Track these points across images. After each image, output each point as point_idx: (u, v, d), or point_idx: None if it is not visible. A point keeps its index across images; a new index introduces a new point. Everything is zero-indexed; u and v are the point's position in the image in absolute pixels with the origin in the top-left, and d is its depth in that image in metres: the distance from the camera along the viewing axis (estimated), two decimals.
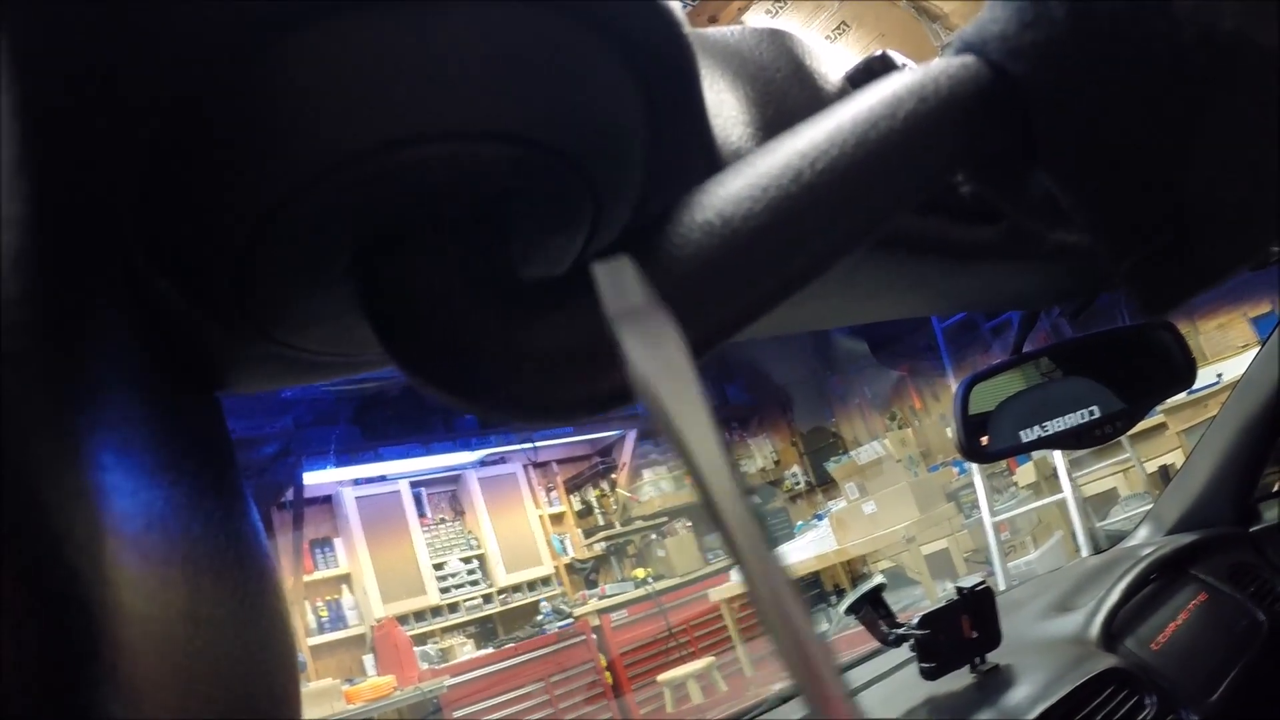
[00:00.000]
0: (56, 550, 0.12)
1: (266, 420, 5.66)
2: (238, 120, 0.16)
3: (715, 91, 0.24)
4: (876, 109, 0.17)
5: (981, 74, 0.18)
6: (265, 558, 0.21)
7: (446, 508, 7.46)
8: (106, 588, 0.13)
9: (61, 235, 0.14)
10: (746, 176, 0.17)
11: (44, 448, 0.12)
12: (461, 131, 0.17)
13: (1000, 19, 0.18)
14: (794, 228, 0.17)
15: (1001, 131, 0.18)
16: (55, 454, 0.13)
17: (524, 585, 7.37)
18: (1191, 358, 0.97)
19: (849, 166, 0.17)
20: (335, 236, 0.18)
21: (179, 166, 0.16)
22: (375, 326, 0.18)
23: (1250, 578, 1.56)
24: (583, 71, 0.18)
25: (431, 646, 6.60)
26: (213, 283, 0.19)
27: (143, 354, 0.17)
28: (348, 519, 6.70)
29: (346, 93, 0.16)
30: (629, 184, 0.21)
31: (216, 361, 0.22)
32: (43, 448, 0.12)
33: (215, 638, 0.16)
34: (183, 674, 0.14)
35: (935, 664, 1.33)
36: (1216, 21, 0.16)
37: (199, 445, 0.19)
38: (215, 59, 0.15)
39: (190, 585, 0.16)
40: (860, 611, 1.47)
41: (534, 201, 0.18)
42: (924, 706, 1.35)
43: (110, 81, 0.15)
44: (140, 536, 0.14)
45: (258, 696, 0.18)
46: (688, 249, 0.17)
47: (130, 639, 0.13)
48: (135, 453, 0.15)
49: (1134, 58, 0.17)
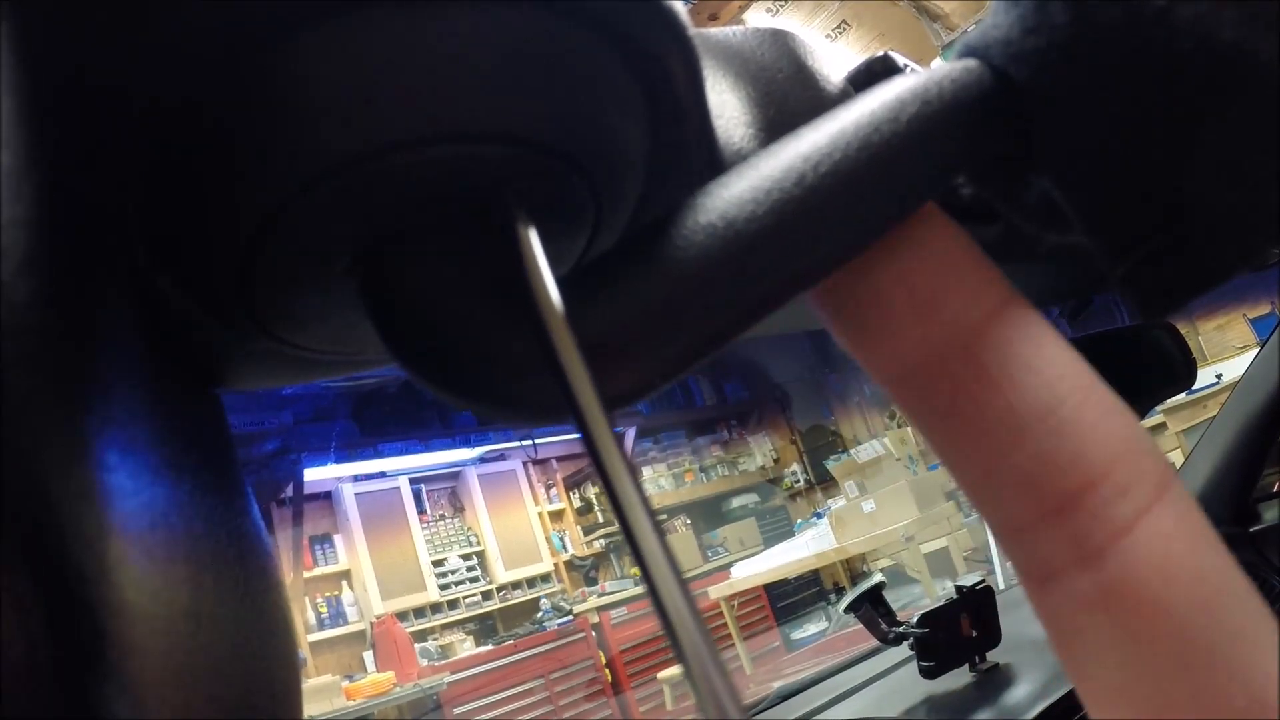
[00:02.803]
0: (64, 550, 0.12)
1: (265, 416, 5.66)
2: (244, 121, 0.16)
3: (717, 92, 0.24)
4: (879, 113, 0.17)
5: (984, 78, 0.18)
6: (266, 555, 0.21)
7: (446, 504, 7.46)
8: (112, 587, 0.13)
9: (68, 236, 0.14)
10: (749, 179, 0.17)
11: (53, 449, 0.12)
12: (464, 133, 0.17)
13: (1003, 24, 0.18)
14: (797, 230, 0.17)
15: (1003, 135, 0.18)
16: (64, 455, 0.13)
17: (523, 582, 7.36)
18: (1191, 358, 0.97)
19: (852, 170, 0.17)
20: (338, 236, 0.18)
21: (184, 166, 0.16)
22: (377, 326, 0.18)
23: (1249, 577, 1.56)
24: (587, 74, 0.18)
25: (431, 643, 6.60)
26: (215, 281, 0.19)
27: (146, 351, 0.17)
28: (347, 515, 6.69)
29: (352, 94, 0.16)
30: (631, 186, 0.21)
31: (216, 358, 0.22)
32: (52, 449, 0.12)
33: (217, 635, 0.16)
34: (185, 672, 0.15)
35: (934, 662, 1.34)
36: (1215, 32, 0.16)
37: (201, 442, 0.19)
38: (223, 59, 0.15)
39: (193, 583, 0.16)
40: (860, 610, 1.47)
41: (536, 203, 0.18)
42: (923, 705, 1.36)
43: (116, 82, 0.15)
44: (145, 535, 0.14)
45: (259, 694, 0.18)
46: (691, 251, 0.17)
47: (135, 638, 0.13)
48: (140, 451, 0.15)
49: (1134, 65, 0.17)
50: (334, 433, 6.16)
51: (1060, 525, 0.18)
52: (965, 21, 3.95)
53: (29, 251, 0.13)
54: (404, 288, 0.18)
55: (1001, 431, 0.18)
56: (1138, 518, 0.17)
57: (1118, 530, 0.17)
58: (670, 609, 0.15)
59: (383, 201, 0.18)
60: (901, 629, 1.40)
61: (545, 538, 7.67)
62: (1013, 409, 0.18)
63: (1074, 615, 0.18)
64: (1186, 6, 0.16)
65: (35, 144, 0.13)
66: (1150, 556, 0.17)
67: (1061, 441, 0.18)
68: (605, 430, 0.16)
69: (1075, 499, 0.18)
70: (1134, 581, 0.17)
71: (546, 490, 7.93)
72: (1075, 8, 0.17)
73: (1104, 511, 0.18)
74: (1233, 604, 0.18)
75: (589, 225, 0.21)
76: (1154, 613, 0.17)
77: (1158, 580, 0.17)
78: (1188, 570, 0.17)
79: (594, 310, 0.17)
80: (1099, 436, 0.18)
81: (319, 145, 0.16)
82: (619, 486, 0.16)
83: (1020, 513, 0.18)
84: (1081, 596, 0.18)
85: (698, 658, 0.15)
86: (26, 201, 0.13)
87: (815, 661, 3.69)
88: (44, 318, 0.13)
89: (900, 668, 1.57)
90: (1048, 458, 0.18)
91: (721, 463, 8.67)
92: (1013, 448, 0.18)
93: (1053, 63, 0.17)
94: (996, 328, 0.18)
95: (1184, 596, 0.17)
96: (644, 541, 0.16)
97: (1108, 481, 0.18)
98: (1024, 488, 0.18)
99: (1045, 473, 0.18)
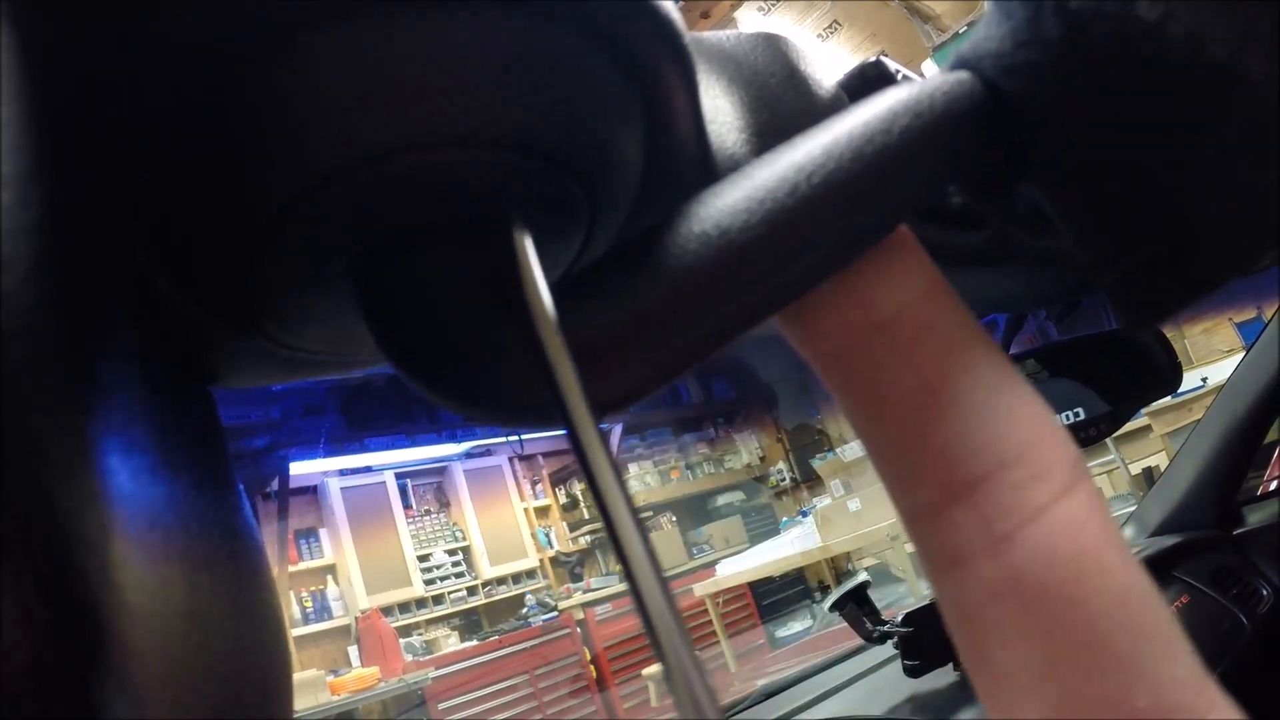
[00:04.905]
0: (67, 553, 0.12)
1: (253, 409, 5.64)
2: (249, 123, 0.16)
3: (711, 97, 0.24)
4: (872, 124, 0.18)
5: (976, 90, 0.18)
6: (259, 552, 0.21)
7: (432, 499, 7.45)
8: (114, 589, 0.13)
9: (72, 240, 0.14)
10: (743, 188, 0.18)
11: (56, 453, 0.12)
12: (463, 138, 0.17)
13: (995, 36, 0.18)
14: (790, 240, 0.17)
15: (994, 147, 0.19)
16: (67, 458, 0.13)
17: (509, 578, 7.36)
18: (1177, 361, 0.97)
19: (845, 180, 0.17)
20: (338, 239, 0.18)
21: (188, 169, 0.16)
22: (373, 328, 0.18)
23: (1233, 580, 1.57)
24: (584, 80, 0.18)
25: (416, 638, 6.59)
26: (215, 281, 0.19)
27: (145, 351, 0.17)
28: (333, 510, 6.68)
29: (356, 97, 0.16)
30: (625, 191, 0.21)
31: (211, 355, 0.22)
32: (55, 453, 0.12)
33: (212, 634, 0.16)
34: (182, 672, 0.15)
35: (918, 662, 1.34)
36: (1207, 48, 0.16)
37: (194, 439, 0.19)
38: (231, 62, 0.15)
39: (189, 582, 0.16)
40: (845, 608, 1.47)
41: (532, 208, 0.18)
42: (907, 704, 1.36)
43: (123, 86, 0.15)
44: (144, 535, 0.14)
45: (252, 691, 0.18)
46: (685, 258, 0.17)
47: (135, 639, 0.13)
48: (140, 452, 0.15)
49: (1125, 80, 0.17)
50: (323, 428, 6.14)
51: (971, 507, 0.18)
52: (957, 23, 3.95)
53: (35, 258, 0.13)
54: (400, 290, 0.18)
55: (918, 412, 0.18)
56: (1050, 503, 0.18)
57: (1028, 515, 0.18)
58: (652, 609, 0.16)
59: (383, 205, 0.18)
60: (886, 628, 1.40)
61: (531, 533, 7.66)
62: (931, 390, 0.18)
63: (980, 605, 0.18)
64: (1178, 23, 0.16)
65: (41, 150, 0.13)
66: (1061, 545, 0.17)
67: (977, 424, 0.18)
68: (592, 433, 0.16)
69: (988, 481, 0.18)
70: (1043, 568, 0.17)
71: (532, 486, 7.92)
72: (1067, 22, 0.17)
73: (1016, 495, 0.18)
74: (1141, 602, 0.17)
75: (583, 230, 0.21)
76: (1062, 603, 0.17)
77: (1067, 570, 0.17)
78: (1098, 563, 0.17)
79: (587, 315, 0.18)
80: (1014, 421, 0.18)
81: (327, 147, 0.16)
82: (605, 488, 0.16)
83: (932, 494, 0.18)
84: (989, 584, 0.18)
85: (677, 658, 0.15)
86: (32, 208, 0.13)
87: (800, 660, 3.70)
88: (48, 323, 0.13)
89: (884, 666, 1.58)
90: (963, 439, 0.18)
91: (707, 460, 8.67)
92: (928, 429, 0.18)
93: (1044, 76, 0.17)
94: (920, 312, 0.19)
95: (1093, 589, 0.17)
96: (628, 543, 0.16)
97: (1021, 465, 0.18)
98: (937, 468, 0.18)
99: (959, 454, 0.18)
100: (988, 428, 0.18)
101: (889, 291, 0.19)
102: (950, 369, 0.18)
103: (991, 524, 0.18)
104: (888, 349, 0.19)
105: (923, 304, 0.19)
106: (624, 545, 0.16)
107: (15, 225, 0.13)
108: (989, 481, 0.18)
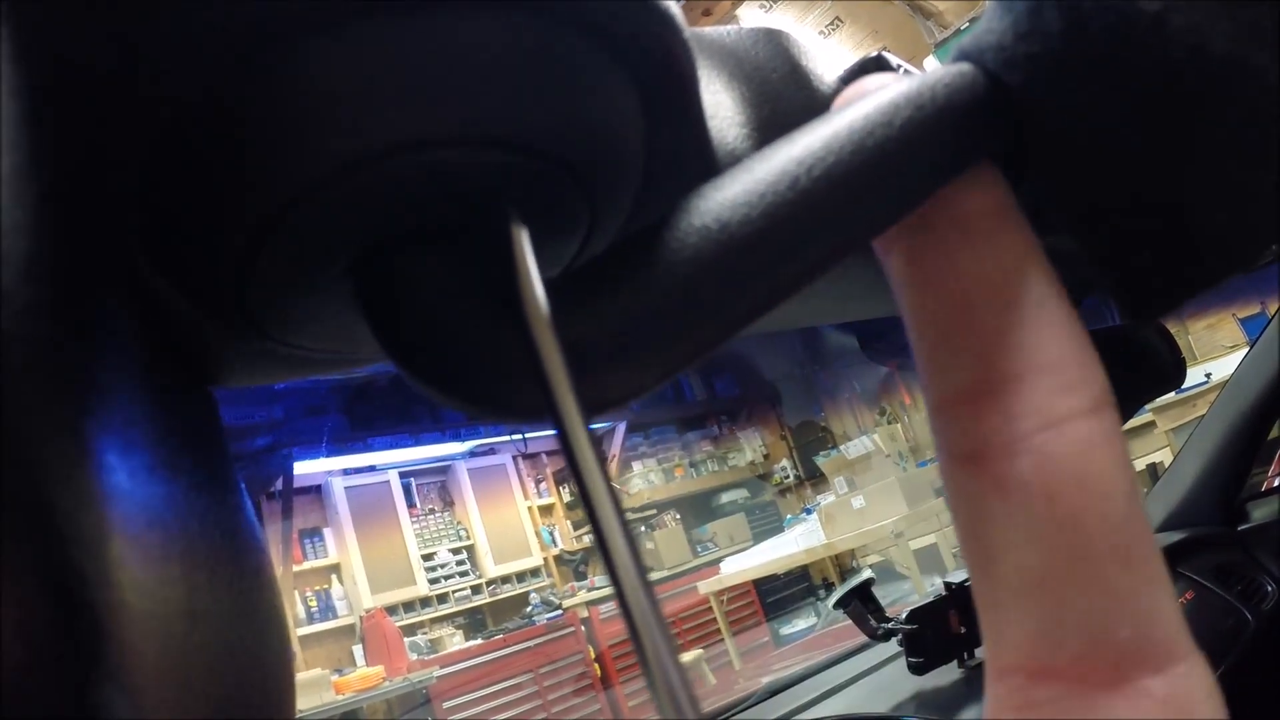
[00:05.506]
0: (66, 553, 0.12)
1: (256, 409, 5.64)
2: (249, 124, 0.16)
3: (711, 92, 0.24)
4: (873, 116, 0.18)
5: (977, 83, 0.18)
6: (260, 551, 0.21)
7: (436, 498, 7.45)
8: (113, 589, 0.13)
9: (69, 239, 0.14)
10: (744, 183, 0.17)
11: (55, 453, 0.12)
12: (463, 137, 0.17)
13: (996, 29, 0.18)
14: (791, 234, 0.17)
15: (995, 140, 0.18)
16: (66, 459, 0.13)
17: (513, 576, 7.36)
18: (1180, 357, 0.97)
19: (845, 174, 0.17)
20: (337, 239, 0.18)
21: (188, 169, 0.16)
22: (374, 327, 0.18)
23: (1237, 577, 1.57)
24: (584, 79, 0.18)
25: (421, 637, 6.59)
26: (213, 282, 0.19)
27: (144, 351, 0.17)
28: (337, 509, 6.68)
29: (357, 97, 0.16)
30: (626, 189, 0.21)
31: (211, 356, 0.22)
32: (54, 453, 0.12)
33: (212, 634, 0.16)
34: (182, 672, 0.15)
35: (923, 659, 1.34)
36: (1209, 41, 0.16)
37: (195, 440, 0.19)
38: (230, 62, 0.15)
39: (189, 582, 0.16)
40: (849, 606, 1.48)
41: (531, 207, 0.18)
42: (911, 701, 1.36)
43: (121, 85, 0.15)
44: (143, 535, 0.14)
45: (253, 691, 0.18)
46: (685, 253, 0.17)
47: (134, 639, 0.13)
48: (138, 452, 0.15)
49: (1127, 73, 0.17)
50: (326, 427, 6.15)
51: (999, 402, 0.18)
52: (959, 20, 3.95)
53: (31, 257, 0.13)
54: (400, 289, 0.18)
55: (975, 302, 0.19)
56: (1073, 416, 0.18)
57: (1050, 420, 0.18)
58: (635, 611, 0.16)
59: (384, 203, 0.18)
60: (890, 625, 1.41)
61: (535, 532, 7.66)
62: (991, 285, 0.19)
63: (987, 499, 0.18)
64: (1180, 16, 0.16)
65: (38, 147, 0.13)
66: (1074, 457, 0.18)
67: (1025, 326, 0.18)
68: (581, 431, 0.16)
69: (1020, 380, 0.18)
70: (1052, 475, 0.18)
71: (536, 485, 7.92)
72: (1069, 14, 0.17)
73: (1043, 399, 0.18)
74: (1137, 536, 0.18)
75: (584, 228, 0.21)
76: (1063, 514, 0.18)
77: (1075, 484, 0.18)
78: (1103, 485, 0.18)
79: (586, 312, 0.17)
80: (1058, 335, 0.19)
81: (327, 146, 0.16)
82: (592, 489, 0.16)
83: (966, 381, 0.19)
84: (1000, 480, 0.18)
85: (658, 660, 0.15)
86: (29, 206, 0.13)
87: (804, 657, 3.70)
88: (45, 323, 0.13)
89: (889, 664, 1.58)
90: (1007, 336, 0.18)
91: (711, 458, 8.67)
92: (980, 319, 0.19)
93: (1046, 69, 0.17)
94: (998, 220, 0.19)
95: (1095, 510, 0.18)
96: (613, 545, 0.16)
97: (1055, 373, 0.18)
98: (978, 358, 0.19)
99: (1002, 349, 0.18)
100: (1034, 332, 0.18)
101: (972, 195, 0.19)
102: (1012, 272, 0.19)
103: (1014, 421, 0.18)
104: (962, 239, 0.19)
105: (1001, 213, 0.19)
106: (609, 545, 0.16)
107: (11, 223, 0.13)
108: (1021, 381, 0.18)
